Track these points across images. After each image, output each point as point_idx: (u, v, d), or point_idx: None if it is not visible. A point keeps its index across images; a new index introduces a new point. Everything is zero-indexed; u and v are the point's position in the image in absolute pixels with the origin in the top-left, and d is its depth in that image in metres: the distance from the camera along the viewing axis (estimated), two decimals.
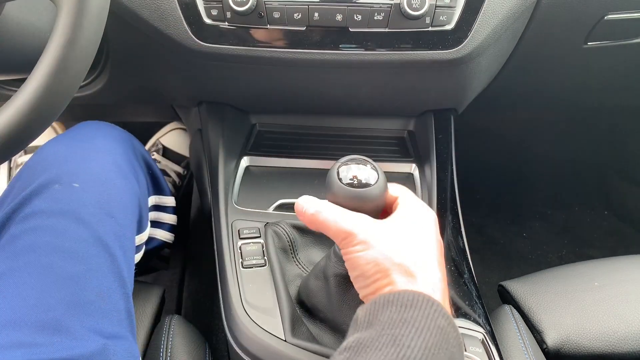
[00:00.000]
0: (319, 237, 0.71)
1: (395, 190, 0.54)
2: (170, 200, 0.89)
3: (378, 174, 0.52)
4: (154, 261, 0.94)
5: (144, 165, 0.80)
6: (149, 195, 0.81)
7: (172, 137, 1.29)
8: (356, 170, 0.52)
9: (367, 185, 0.51)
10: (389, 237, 0.48)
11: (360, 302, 0.49)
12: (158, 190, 0.86)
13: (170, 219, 0.89)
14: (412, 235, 0.49)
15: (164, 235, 0.88)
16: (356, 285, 0.49)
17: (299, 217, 0.54)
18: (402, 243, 0.48)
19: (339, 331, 0.60)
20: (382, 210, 0.54)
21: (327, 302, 0.59)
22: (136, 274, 0.71)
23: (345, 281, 0.56)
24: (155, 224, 0.86)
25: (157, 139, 1.29)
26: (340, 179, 0.52)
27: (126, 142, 0.77)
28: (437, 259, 0.49)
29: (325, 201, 0.53)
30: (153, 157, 1.26)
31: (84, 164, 0.68)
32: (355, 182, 0.51)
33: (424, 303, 0.41)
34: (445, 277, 0.49)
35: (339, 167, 0.53)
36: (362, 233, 0.48)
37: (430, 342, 0.38)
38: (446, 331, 0.40)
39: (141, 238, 0.75)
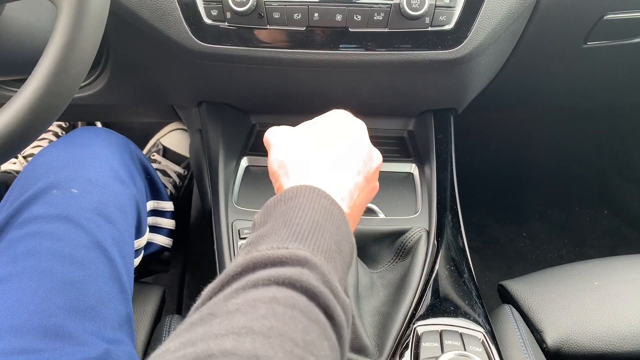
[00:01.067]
0: None
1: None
2: (168, 205, 0.89)
3: None
4: (153, 264, 0.94)
5: (142, 170, 0.80)
6: (147, 200, 0.81)
7: (173, 137, 1.29)
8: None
9: None
10: (298, 139, 0.53)
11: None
12: (156, 195, 0.86)
13: (168, 223, 0.89)
14: (322, 136, 0.52)
15: (163, 240, 0.88)
16: (273, 184, 0.53)
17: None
18: (311, 144, 0.52)
19: None
20: None
21: None
22: (136, 278, 0.71)
23: None
24: (154, 228, 0.86)
25: (158, 140, 1.29)
26: None
27: (124, 148, 0.77)
28: (347, 165, 0.50)
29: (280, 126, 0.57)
30: (153, 157, 1.26)
31: (82, 170, 0.68)
32: None
33: (307, 191, 0.44)
34: (359, 184, 0.51)
35: None
36: (274, 138, 0.55)
37: (315, 217, 0.42)
38: (329, 209, 0.43)
39: (140, 243, 0.75)
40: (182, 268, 1.26)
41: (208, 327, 0.31)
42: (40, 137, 1.25)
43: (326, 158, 0.50)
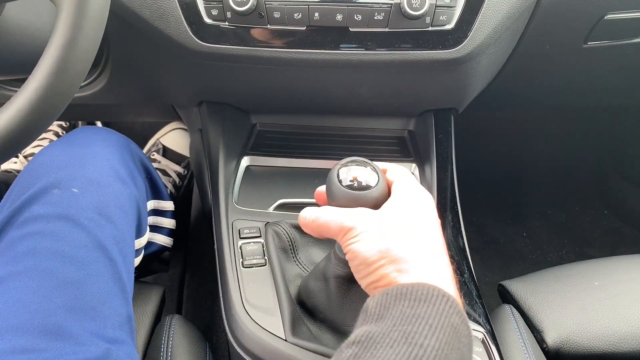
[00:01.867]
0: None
1: (392, 173, 0.53)
2: (169, 205, 0.89)
3: (378, 176, 0.52)
4: (154, 264, 0.94)
5: (142, 169, 0.80)
6: (147, 200, 0.81)
7: (173, 137, 1.29)
8: (356, 172, 0.52)
9: (367, 187, 0.51)
10: (390, 223, 0.47)
11: (360, 303, 0.48)
12: (157, 194, 0.86)
13: (169, 223, 0.89)
14: (413, 219, 0.48)
15: (163, 240, 0.88)
16: (358, 276, 0.48)
17: (305, 229, 0.53)
18: (403, 228, 0.47)
19: (339, 331, 0.60)
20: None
21: (327, 303, 0.59)
22: (136, 277, 0.71)
23: (345, 282, 0.56)
24: (154, 228, 0.86)
25: (158, 139, 1.29)
26: (340, 181, 0.51)
27: (124, 147, 0.77)
28: (441, 243, 0.48)
29: (324, 206, 0.52)
30: (153, 156, 1.26)
31: (82, 169, 0.68)
32: (355, 184, 0.51)
33: (438, 298, 0.40)
34: (450, 263, 0.47)
35: (339, 169, 0.52)
36: (361, 224, 0.48)
37: (443, 341, 0.37)
38: (459, 330, 0.39)
39: (140, 242, 0.75)
40: (182, 268, 1.26)
41: None
42: (40, 137, 1.25)
43: (428, 247, 0.46)
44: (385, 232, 0.46)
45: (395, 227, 0.47)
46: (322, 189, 0.56)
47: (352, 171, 0.52)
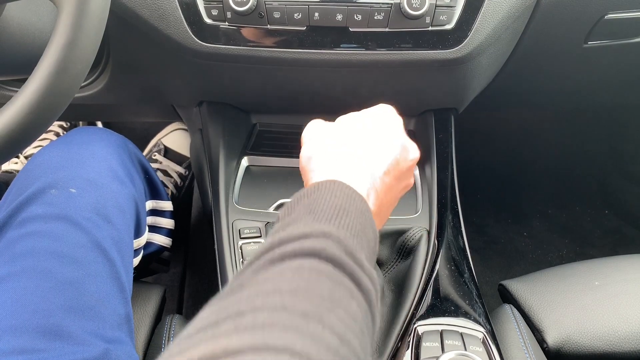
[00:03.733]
0: None
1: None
2: (167, 205, 0.89)
3: None
4: (153, 264, 0.94)
5: (140, 169, 0.80)
6: (146, 200, 0.81)
7: (174, 137, 1.29)
8: None
9: None
10: (327, 134, 0.52)
11: None
12: (155, 194, 0.86)
13: (168, 223, 0.89)
14: (352, 131, 0.51)
15: (162, 240, 0.88)
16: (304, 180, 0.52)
17: None
18: (336, 138, 0.51)
19: None
20: None
21: None
22: (136, 277, 0.71)
23: None
24: (153, 228, 0.86)
25: (159, 140, 1.30)
26: None
27: (122, 147, 0.76)
28: (379, 161, 0.49)
29: (316, 120, 0.56)
30: (154, 157, 1.26)
31: (80, 170, 0.68)
32: None
33: (330, 183, 0.44)
34: (388, 183, 0.49)
35: None
36: (307, 133, 0.53)
37: (338, 202, 0.41)
38: (352, 197, 0.43)
39: (139, 242, 0.75)
40: (183, 268, 1.26)
41: (238, 294, 0.32)
42: (41, 137, 1.25)
43: (354, 154, 0.49)
44: (319, 140, 0.51)
45: (329, 136, 0.51)
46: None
47: None
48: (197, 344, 0.27)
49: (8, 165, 1.29)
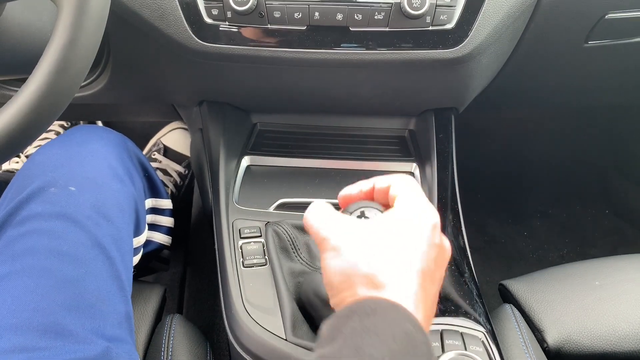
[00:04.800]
0: None
1: (396, 188, 0.50)
2: (167, 203, 0.89)
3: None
4: (153, 263, 0.94)
5: (139, 168, 0.80)
6: (145, 198, 0.81)
7: (173, 136, 1.29)
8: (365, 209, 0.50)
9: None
10: (363, 244, 0.44)
11: None
12: (155, 193, 0.86)
13: (167, 221, 0.89)
14: (394, 240, 0.45)
15: (162, 238, 0.88)
16: (328, 294, 0.47)
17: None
18: (376, 250, 0.44)
19: None
20: None
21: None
22: (136, 276, 0.71)
23: None
24: (153, 226, 0.86)
25: (158, 139, 1.30)
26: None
27: (121, 146, 0.76)
28: (421, 268, 0.44)
29: (319, 204, 0.50)
30: (154, 156, 1.26)
31: (79, 168, 0.68)
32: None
33: (387, 308, 0.39)
34: (432, 291, 0.44)
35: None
36: (335, 238, 0.46)
37: (395, 349, 0.36)
38: (413, 336, 0.38)
39: (139, 241, 0.75)
40: (183, 267, 1.26)
41: None
42: (41, 137, 1.25)
43: (399, 267, 0.43)
44: (353, 255, 0.44)
45: (367, 249, 0.44)
46: (345, 192, 0.53)
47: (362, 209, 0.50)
48: None
49: (9, 165, 1.29)
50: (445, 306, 0.66)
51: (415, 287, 0.42)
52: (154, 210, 0.87)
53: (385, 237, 0.45)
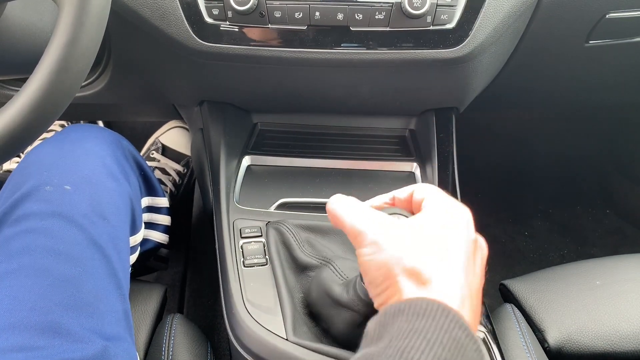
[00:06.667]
0: (321, 236, 0.71)
1: (421, 191, 0.49)
2: (163, 202, 0.89)
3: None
4: (151, 262, 0.94)
5: (135, 166, 0.80)
6: (141, 197, 0.81)
7: (171, 135, 1.29)
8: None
9: None
10: (404, 238, 0.43)
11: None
12: (151, 191, 0.85)
13: (164, 220, 0.89)
14: (433, 235, 0.44)
15: (159, 237, 0.88)
16: (370, 293, 0.45)
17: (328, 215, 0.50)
18: (418, 244, 0.43)
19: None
20: None
21: (331, 324, 0.59)
22: (134, 275, 0.71)
23: (355, 325, 0.55)
24: (150, 225, 0.86)
25: (156, 138, 1.29)
26: None
27: (116, 144, 0.76)
28: (463, 263, 0.43)
29: (351, 198, 0.49)
30: (152, 155, 1.26)
31: (74, 167, 0.68)
32: None
33: (438, 312, 0.37)
34: (475, 286, 0.43)
35: None
36: (373, 233, 0.44)
37: (442, 356, 0.34)
38: (463, 344, 0.36)
39: (135, 239, 0.75)
40: (184, 267, 1.26)
41: None
42: (42, 137, 1.25)
43: (442, 262, 0.42)
44: (395, 249, 0.43)
45: (408, 243, 0.43)
46: (332, 198, 0.50)
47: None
48: None
49: (9, 165, 1.29)
50: None
51: (461, 281, 0.42)
52: (151, 209, 0.86)
53: (425, 233, 0.44)
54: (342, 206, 0.48)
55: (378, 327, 0.39)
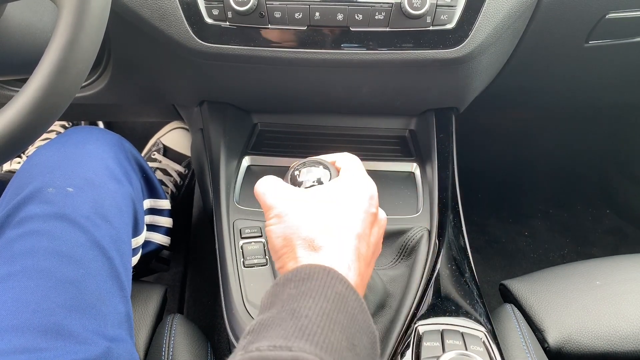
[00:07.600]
0: None
1: (341, 161, 0.56)
2: (165, 204, 0.89)
3: (330, 173, 0.54)
4: (153, 263, 0.94)
5: (137, 168, 0.80)
6: (143, 199, 0.81)
7: (173, 136, 1.29)
8: (309, 172, 0.54)
9: (320, 184, 0.53)
10: (304, 210, 0.49)
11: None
12: (153, 193, 0.86)
13: (166, 222, 0.89)
14: (332, 207, 0.49)
15: (161, 239, 0.88)
16: (273, 259, 0.51)
17: None
18: (315, 216, 0.48)
19: None
20: None
21: None
22: (136, 276, 0.71)
23: None
24: (151, 227, 0.86)
25: (158, 139, 1.30)
26: (294, 184, 0.54)
27: (118, 146, 0.76)
28: (356, 232, 0.48)
29: (273, 177, 0.54)
30: (154, 156, 1.26)
31: (76, 169, 0.68)
32: (309, 184, 0.53)
33: (321, 273, 0.42)
34: (367, 254, 0.48)
35: (292, 172, 0.55)
36: (278, 206, 0.50)
37: (327, 307, 0.39)
38: (344, 295, 0.41)
39: (137, 241, 0.75)
40: (184, 267, 1.26)
41: None
42: (42, 137, 1.25)
43: (335, 231, 0.47)
44: (294, 220, 0.48)
45: (307, 215, 0.48)
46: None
47: (305, 172, 0.55)
48: None
49: (10, 165, 1.29)
50: (446, 306, 0.66)
51: (351, 248, 0.47)
52: (153, 211, 0.86)
53: (326, 205, 0.50)
54: (262, 186, 0.53)
55: (270, 297, 0.42)
